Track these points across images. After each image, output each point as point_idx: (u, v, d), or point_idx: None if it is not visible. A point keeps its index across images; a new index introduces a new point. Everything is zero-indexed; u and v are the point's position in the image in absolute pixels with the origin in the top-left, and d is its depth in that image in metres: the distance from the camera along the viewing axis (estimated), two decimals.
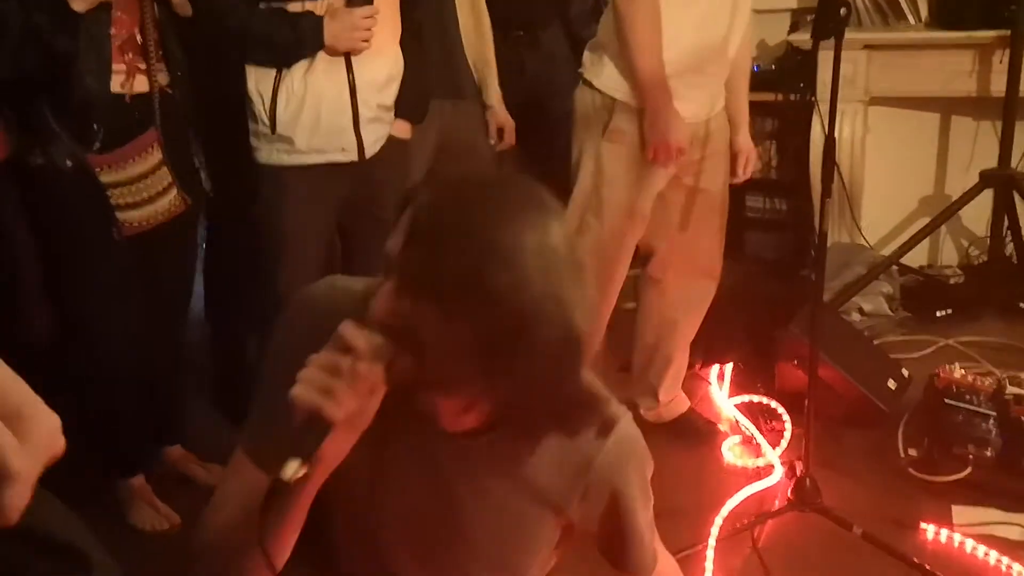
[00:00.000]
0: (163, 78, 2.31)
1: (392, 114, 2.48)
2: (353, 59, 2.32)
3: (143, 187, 2.33)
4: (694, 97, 2.47)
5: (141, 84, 2.28)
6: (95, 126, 2.21)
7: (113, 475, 2.52)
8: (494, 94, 2.93)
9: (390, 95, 2.44)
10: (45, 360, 2.58)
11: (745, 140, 2.72)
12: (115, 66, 2.21)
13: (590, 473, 1.21)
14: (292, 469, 0.96)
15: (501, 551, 1.29)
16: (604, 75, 2.48)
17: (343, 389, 0.97)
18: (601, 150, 2.51)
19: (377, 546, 1.26)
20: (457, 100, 2.89)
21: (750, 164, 2.73)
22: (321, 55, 2.29)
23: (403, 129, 2.54)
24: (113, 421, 2.48)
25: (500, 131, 2.98)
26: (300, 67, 2.30)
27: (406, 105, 2.50)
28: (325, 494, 1.12)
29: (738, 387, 3.06)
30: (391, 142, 2.48)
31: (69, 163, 2.21)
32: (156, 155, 2.33)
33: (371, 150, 2.42)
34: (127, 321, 2.40)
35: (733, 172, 2.71)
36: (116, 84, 2.22)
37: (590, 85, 2.52)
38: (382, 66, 2.39)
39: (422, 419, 1.13)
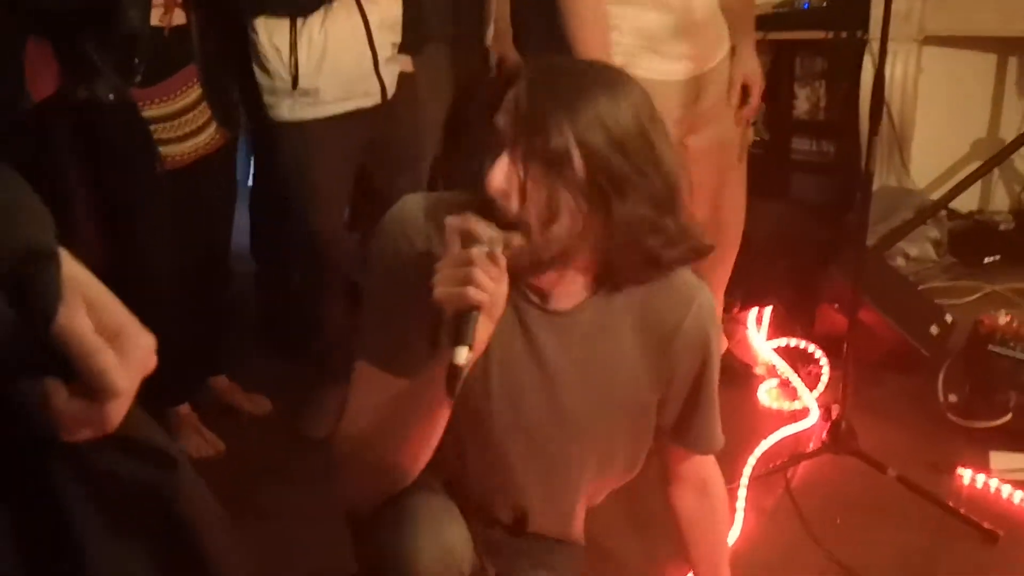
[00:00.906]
0: (197, 12, 2.32)
1: (397, 52, 2.47)
2: (363, 1, 2.31)
3: (185, 122, 2.36)
4: (681, 54, 2.34)
5: (179, 17, 2.30)
6: (136, 60, 2.24)
7: (161, 403, 2.60)
8: (490, 32, 2.89)
9: (399, 32, 2.44)
10: None
11: (739, 67, 2.46)
12: None
13: (677, 339, 1.32)
14: (464, 355, 1.07)
15: (603, 433, 1.38)
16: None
17: (479, 275, 1.09)
18: None
19: (491, 435, 1.36)
20: (453, 42, 2.86)
21: (753, 94, 2.48)
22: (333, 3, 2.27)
23: (406, 63, 2.53)
24: (160, 351, 2.53)
25: (502, 64, 2.94)
26: (317, 16, 2.28)
27: (405, 38, 2.48)
28: None
29: (777, 330, 3.04)
30: (402, 78, 2.48)
31: (112, 97, 2.24)
32: (196, 90, 2.36)
33: (391, 90, 2.43)
34: (170, 252, 2.46)
35: (740, 105, 2.50)
36: (155, 17, 2.24)
37: None
38: (387, 5, 2.38)
39: (525, 307, 1.28)
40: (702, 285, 1.35)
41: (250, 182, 3.34)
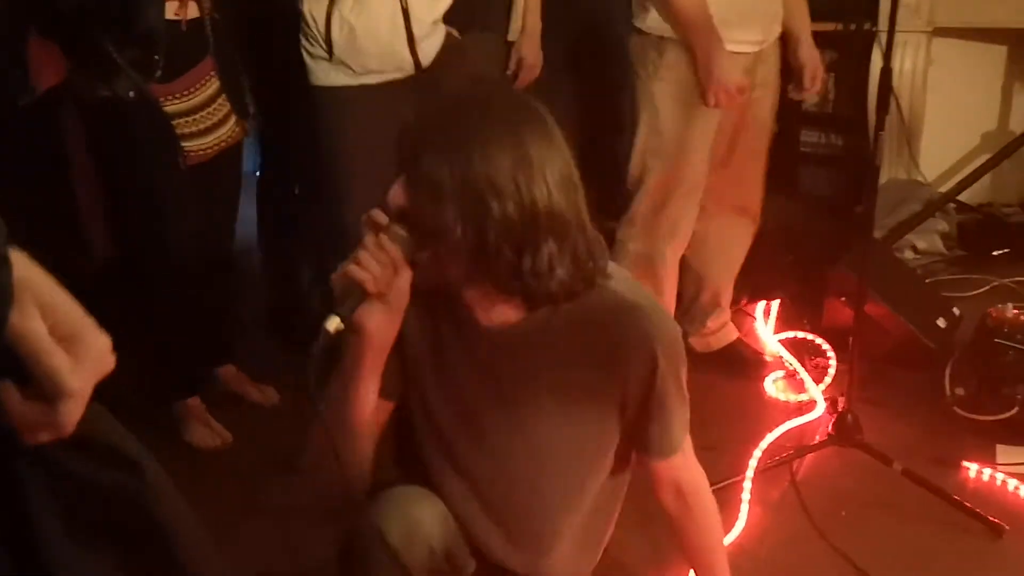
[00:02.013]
0: (208, 2, 2.33)
1: (442, 26, 2.46)
2: None
3: (205, 116, 2.37)
4: (748, 28, 2.44)
5: (193, 10, 2.30)
6: (155, 56, 2.25)
7: (171, 396, 2.62)
8: (516, 28, 2.83)
9: (442, 8, 2.43)
10: (102, 286, 2.71)
11: (809, 52, 2.60)
12: None
13: (620, 352, 1.35)
14: (333, 324, 1.20)
15: (560, 443, 1.41)
16: (650, 17, 2.46)
17: (366, 257, 1.22)
18: (653, 90, 2.49)
19: (452, 450, 1.42)
20: (479, 33, 2.82)
21: (817, 78, 2.62)
22: None
23: (453, 32, 2.52)
24: (172, 344, 2.58)
25: (519, 65, 2.85)
26: None
27: (453, 23, 2.48)
28: (408, 412, 1.40)
29: (785, 323, 3.04)
30: (447, 43, 2.46)
31: (132, 94, 2.25)
32: (214, 83, 2.37)
33: (427, 60, 2.41)
34: (186, 246, 2.48)
35: (799, 87, 2.62)
36: (170, 11, 2.25)
37: (639, 31, 2.51)
38: None
39: (468, 326, 1.35)
40: (649, 304, 1.38)
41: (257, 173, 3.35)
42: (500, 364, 1.37)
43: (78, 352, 0.62)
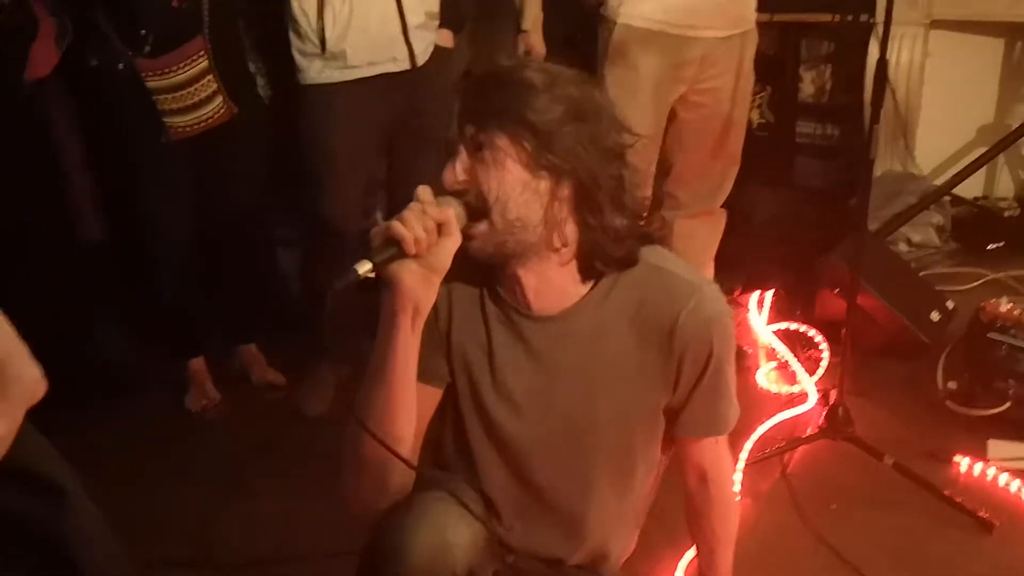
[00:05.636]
0: None
1: (437, 22, 2.48)
2: None
3: (188, 94, 2.36)
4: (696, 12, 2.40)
5: None
6: (143, 31, 2.24)
7: (177, 356, 2.70)
8: (529, 19, 2.85)
9: (434, 1, 2.44)
10: (101, 256, 2.72)
11: None
12: None
13: (676, 333, 1.32)
14: (364, 267, 1.17)
15: (617, 438, 1.39)
16: (608, 2, 2.43)
17: (411, 217, 1.20)
18: (607, 75, 2.45)
19: (510, 449, 1.40)
20: (491, 22, 2.85)
21: None
22: None
23: (446, 38, 2.55)
24: (174, 306, 2.64)
25: (528, 53, 2.90)
26: None
27: (446, 13, 2.50)
28: (459, 407, 1.39)
29: (778, 314, 3.03)
30: (436, 51, 2.49)
31: (121, 66, 2.26)
32: (202, 63, 2.36)
33: (422, 58, 2.43)
34: (180, 218, 2.50)
35: None
36: None
37: (603, 18, 2.47)
38: None
39: (518, 316, 1.35)
40: (704, 284, 1.35)
41: None
42: (553, 353, 1.35)
43: (5, 387, 0.58)
